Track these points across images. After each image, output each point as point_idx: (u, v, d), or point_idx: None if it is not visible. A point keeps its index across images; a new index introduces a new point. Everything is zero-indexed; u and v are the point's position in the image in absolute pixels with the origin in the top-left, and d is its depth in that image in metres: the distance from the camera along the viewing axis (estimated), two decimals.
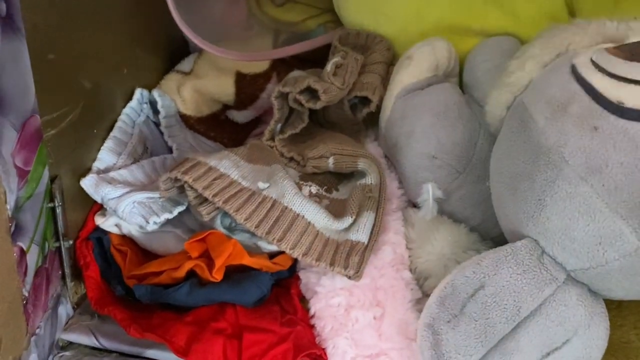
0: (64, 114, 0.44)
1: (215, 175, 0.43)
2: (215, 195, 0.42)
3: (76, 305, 0.48)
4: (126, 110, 0.53)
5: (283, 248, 0.41)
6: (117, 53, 0.53)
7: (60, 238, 0.44)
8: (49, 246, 0.43)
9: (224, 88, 0.59)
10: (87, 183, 0.46)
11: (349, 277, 0.42)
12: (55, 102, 0.43)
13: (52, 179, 0.43)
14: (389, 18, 0.53)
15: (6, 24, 0.36)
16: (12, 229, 0.38)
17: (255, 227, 0.41)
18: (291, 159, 0.49)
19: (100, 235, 0.48)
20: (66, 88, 0.44)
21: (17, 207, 0.39)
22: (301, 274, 0.45)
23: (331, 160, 0.47)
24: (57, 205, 0.43)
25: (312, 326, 0.43)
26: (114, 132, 0.51)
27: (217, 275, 0.42)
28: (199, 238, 0.44)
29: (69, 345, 0.46)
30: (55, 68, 0.42)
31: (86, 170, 0.48)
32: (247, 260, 0.43)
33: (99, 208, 0.49)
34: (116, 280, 0.47)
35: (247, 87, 0.59)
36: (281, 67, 0.59)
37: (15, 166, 0.38)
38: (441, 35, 0.51)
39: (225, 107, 0.61)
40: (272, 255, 0.46)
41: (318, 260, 0.41)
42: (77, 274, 0.47)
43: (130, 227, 0.48)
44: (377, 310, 0.43)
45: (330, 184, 0.48)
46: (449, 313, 0.38)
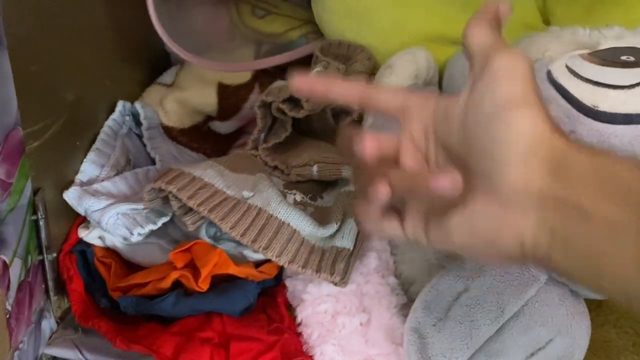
0: (46, 126, 0.44)
1: (200, 185, 0.43)
2: (200, 205, 0.42)
3: (60, 320, 0.47)
4: (108, 123, 0.53)
5: (269, 256, 0.41)
6: (99, 65, 0.53)
7: (44, 251, 0.44)
8: (32, 259, 0.43)
9: (207, 99, 0.59)
10: (70, 195, 0.46)
11: (335, 284, 0.42)
12: (38, 114, 0.42)
13: (35, 191, 0.43)
14: (369, 28, 0.53)
15: None
16: None
17: (241, 236, 0.41)
18: (275, 167, 0.49)
19: (84, 248, 0.47)
20: (49, 100, 0.44)
21: (0, 220, 0.38)
22: (287, 281, 0.46)
23: (315, 169, 0.47)
24: (40, 217, 0.43)
25: (299, 334, 0.44)
26: (97, 144, 0.51)
27: (203, 285, 0.42)
28: (184, 248, 0.44)
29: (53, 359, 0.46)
30: (38, 80, 0.42)
31: (69, 183, 0.47)
32: (233, 270, 0.43)
33: (82, 221, 0.49)
34: (100, 293, 0.46)
35: (230, 98, 0.59)
36: (264, 78, 0.59)
37: None
38: (420, 45, 0.52)
39: (208, 118, 0.61)
40: (258, 264, 0.46)
41: (304, 267, 0.41)
42: (61, 287, 0.47)
43: (114, 239, 0.47)
44: (363, 316, 0.43)
45: (315, 192, 0.49)
46: (434, 317, 0.39)
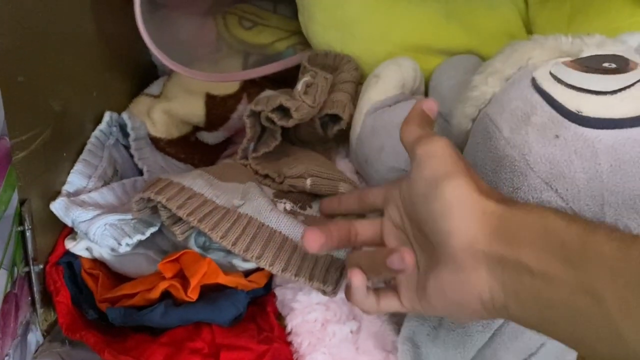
0: (33, 136, 0.43)
1: (189, 195, 0.43)
2: (189, 214, 0.42)
3: (46, 333, 0.47)
4: (96, 133, 0.53)
5: (262, 265, 0.41)
6: (86, 76, 0.53)
7: (30, 263, 0.43)
8: (18, 271, 0.42)
9: (194, 110, 0.59)
10: (57, 206, 0.46)
11: (325, 293, 0.42)
12: (25, 125, 0.42)
13: (22, 202, 0.42)
14: (355, 39, 0.54)
15: None
16: None
17: (232, 245, 0.41)
18: (266, 176, 0.49)
19: (71, 259, 0.47)
20: (36, 110, 0.44)
21: None
22: (277, 290, 0.45)
23: (309, 182, 0.47)
24: (26, 228, 0.42)
25: (289, 343, 0.43)
26: (84, 155, 0.51)
27: (193, 295, 0.42)
28: (172, 258, 0.43)
29: None
30: (25, 90, 0.42)
31: (56, 194, 0.47)
32: (222, 279, 0.43)
33: (69, 232, 0.48)
34: (88, 305, 0.46)
35: (218, 108, 0.59)
36: (251, 88, 0.59)
37: None
38: (407, 55, 0.53)
39: (196, 128, 0.61)
40: (247, 273, 0.46)
41: (297, 275, 0.41)
42: (47, 300, 0.46)
43: (102, 250, 0.47)
44: (353, 324, 0.43)
45: (304, 201, 0.49)
46: (427, 325, 0.39)
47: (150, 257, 0.48)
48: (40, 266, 0.44)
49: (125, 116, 0.56)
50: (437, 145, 0.33)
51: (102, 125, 0.54)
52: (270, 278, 0.46)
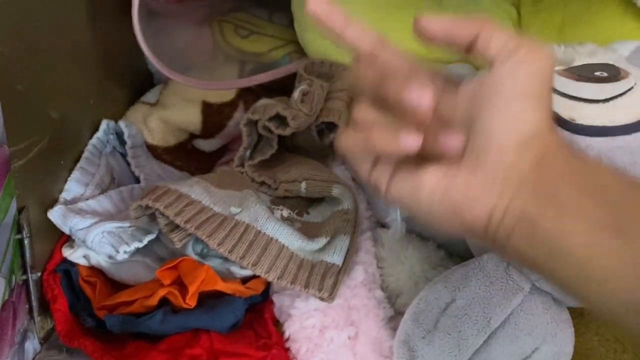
0: (31, 144, 0.43)
1: (187, 202, 0.44)
2: (187, 222, 0.42)
3: (43, 340, 0.46)
4: (93, 141, 0.53)
5: (258, 272, 0.41)
6: (84, 85, 0.53)
7: (28, 270, 0.43)
8: (16, 279, 0.42)
9: (191, 117, 0.59)
10: (55, 214, 0.46)
11: (322, 299, 0.42)
12: (23, 133, 0.42)
13: (20, 210, 0.42)
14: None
15: None
16: None
17: (229, 252, 0.41)
18: (262, 183, 0.50)
19: (68, 267, 0.47)
20: (34, 119, 0.44)
21: None
22: (275, 297, 0.46)
23: (303, 185, 0.48)
24: (24, 236, 0.43)
25: (287, 349, 0.43)
26: (81, 163, 0.51)
27: (191, 302, 0.42)
28: (170, 265, 0.44)
29: None
30: (24, 99, 0.42)
31: (53, 201, 0.47)
32: (221, 286, 0.43)
33: (66, 240, 0.48)
34: (86, 312, 0.46)
35: (214, 116, 0.59)
36: (248, 96, 0.60)
37: None
38: None
39: (192, 136, 0.61)
40: (245, 280, 0.46)
41: (293, 283, 0.41)
42: (44, 307, 0.46)
43: (99, 258, 0.47)
44: (351, 330, 0.43)
45: (301, 207, 0.49)
46: (423, 329, 0.39)
47: (148, 265, 0.48)
48: (38, 274, 0.45)
49: (122, 124, 0.56)
50: (546, 56, 0.27)
51: (100, 133, 0.54)
52: (268, 285, 0.47)
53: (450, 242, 0.47)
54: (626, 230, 0.24)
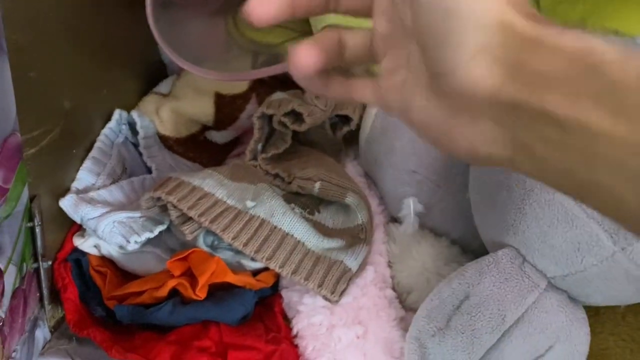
0: (44, 132, 0.43)
1: (200, 195, 0.43)
2: (201, 215, 0.42)
3: (53, 329, 0.47)
4: (105, 131, 0.53)
5: (272, 266, 0.41)
6: (96, 74, 0.53)
7: (39, 259, 0.43)
8: (27, 267, 0.42)
9: (203, 109, 0.59)
10: (67, 203, 0.46)
11: (329, 301, 0.42)
12: (36, 121, 0.42)
13: (32, 198, 0.42)
14: None
15: None
16: None
17: (244, 246, 0.41)
18: (276, 175, 0.49)
19: (79, 256, 0.47)
20: (46, 107, 0.44)
21: None
22: (283, 292, 0.45)
23: (317, 185, 0.47)
24: (36, 224, 0.42)
25: (295, 345, 0.43)
26: (93, 153, 0.51)
27: (201, 293, 0.42)
28: (181, 257, 0.43)
29: None
30: (36, 87, 0.42)
31: (65, 190, 0.47)
32: (231, 278, 0.43)
33: (78, 229, 0.48)
34: (95, 302, 0.46)
35: (226, 107, 0.59)
36: (260, 88, 0.59)
37: None
38: None
39: (204, 127, 0.61)
40: (255, 272, 0.46)
41: (307, 279, 0.41)
42: (55, 296, 0.46)
43: (110, 248, 0.47)
44: (359, 329, 0.42)
45: (313, 206, 0.49)
46: (435, 326, 0.39)
47: (158, 256, 0.47)
48: (49, 262, 0.45)
49: (134, 114, 0.56)
50: None
51: (112, 123, 0.54)
52: (278, 278, 0.46)
53: (464, 238, 0.46)
54: None
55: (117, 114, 0.55)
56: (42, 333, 0.45)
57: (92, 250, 0.47)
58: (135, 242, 0.45)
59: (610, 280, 0.35)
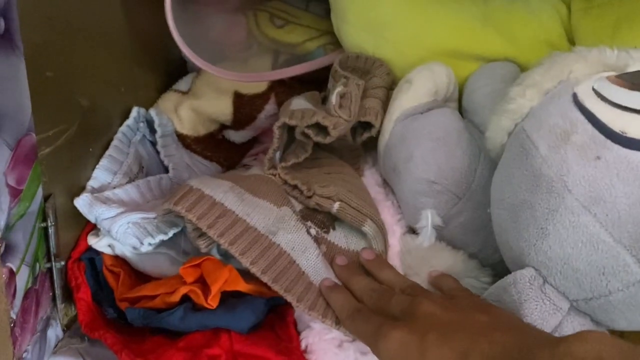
0: (59, 132, 0.43)
1: (220, 212, 0.42)
2: (220, 236, 0.40)
3: (66, 328, 0.47)
4: (122, 129, 0.53)
5: (290, 299, 0.40)
6: (114, 71, 0.52)
7: (52, 259, 0.43)
8: (40, 267, 0.42)
9: (222, 108, 0.58)
10: (81, 202, 0.46)
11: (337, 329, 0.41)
12: (52, 120, 0.42)
13: (46, 198, 0.42)
14: (388, 42, 0.53)
15: (5, 41, 0.35)
16: (2, 249, 0.37)
17: (262, 273, 0.40)
18: (295, 187, 0.48)
19: (93, 255, 0.47)
20: (63, 106, 0.44)
21: (8, 227, 0.38)
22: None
23: (336, 206, 0.45)
24: (50, 224, 0.42)
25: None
26: (110, 151, 0.50)
27: (213, 302, 0.41)
28: (194, 264, 0.43)
29: None
30: (53, 86, 0.42)
31: (80, 189, 0.47)
32: (243, 287, 0.42)
33: (92, 228, 0.48)
34: (108, 303, 0.45)
35: (245, 107, 0.58)
36: (280, 88, 0.58)
37: (7, 185, 0.37)
38: (440, 60, 0.51)
39: (222, 127, 0.60)
40: None
41: (324, 317, 0.40)
42: (68, 295, 0.46)
43: (124, 248, 0.47)
44: None
45: (329, 223, 0.47)
46: None
47: (172, 258, 0.47)
48: (62, 263, 0.44)
49: (152, 112, 0.56)
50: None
51: (130, 121, 0.54)
52: None
53: (482, 253, 0.45)
54: None
55: (135, 111, 0.55)
56: (54, 332, 0.45)
57: (106, 250, 0.47)
58: (149, 244, 0.45)
59: (637, 306, 0.33)
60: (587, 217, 0.32)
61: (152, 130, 0.56)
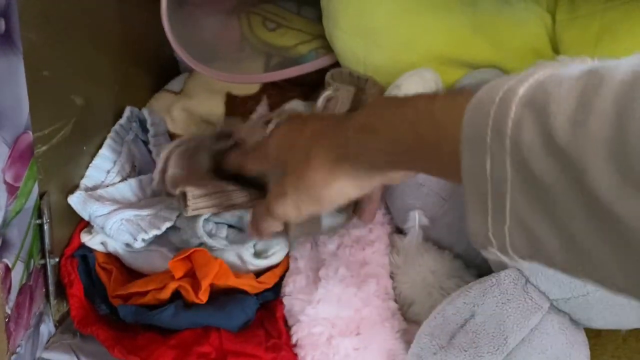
0: (55, 130, 0.44)
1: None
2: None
3: (58, 323, 0.47)
4: (115, 128, 0.53)
5: None
6: (109, 71, 0.53)
7: (47, 255, 0.44)
8: (34, 263, 0.43)
9: (214, 109, 0.59)
10: (75, 200, 0.46)
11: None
12: (48, 119, 0.43)
13: (41, 195, 0.43)
14: (380, 47, 0.54)
15: (4, 40, 0.36)
16: None
17: None
18: None
19: (86, 252, 0.47)
20: (59, 105, 0.45)
21: (5, 223, 0.38)
22: (285, 300, 0.45)
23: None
24: (45, 221, 0.43)
25: (295, 354, 0.43)
26: (103, 150, 0.51)
27: (203, 297, 0.42)
28: (183, 256, 0.43)
29: None
30: (49, 85, 0.42)
31: (74, 187, 0.48)
32: (233, 281, 0.43)
33: (85, 225, 0.49)
34: (100, 299, 0.46)
35: (237, 108, 0.59)
36: (271, 90, 0.59)
37: (5, 182, 0.38)
38: (430, 65, 0.52)
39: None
40: (258, 273, 0.46)
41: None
42: (61, 291, 0.47)
43: (116, 245, 0.47)
44: (359, 341, 0.42)
45: None
46: (437, 344, 0.39)
47: (164, 254, 0.48)
48: (56, 259, 0.45)
49: (145, 112, 0.56)
50: None
51: (122, 120, 0.54)
52: (280, 279, 0.46)
53: (467, 253, 0.46)
54: None
55: (128, 110, 0.55)
56: (47, 328, 0.46)
57: (99, 247, 0.48)
58: (143, 240, 0.46)
59: (613, 305, 0.35)
60: None
61: (145, 130, 0.57)
